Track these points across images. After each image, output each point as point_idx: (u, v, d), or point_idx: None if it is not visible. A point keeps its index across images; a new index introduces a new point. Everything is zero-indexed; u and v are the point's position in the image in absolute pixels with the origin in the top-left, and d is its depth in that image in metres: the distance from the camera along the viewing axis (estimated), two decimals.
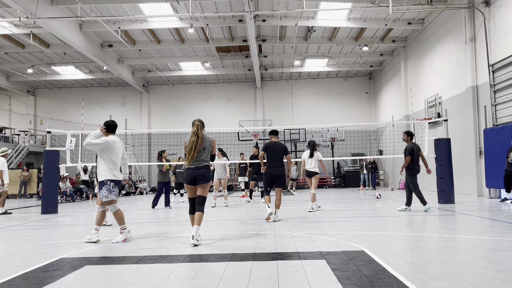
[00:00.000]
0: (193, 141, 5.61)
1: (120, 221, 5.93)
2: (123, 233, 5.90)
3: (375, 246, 5.00)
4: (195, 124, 5.75)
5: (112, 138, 6.02)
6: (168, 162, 12.07)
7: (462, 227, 6.51)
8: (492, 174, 11.78)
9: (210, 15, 15.13)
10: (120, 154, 6.07)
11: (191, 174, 5.58)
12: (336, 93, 25.17)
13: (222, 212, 10.12)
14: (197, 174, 5.56)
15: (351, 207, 10.63)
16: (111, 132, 6.12)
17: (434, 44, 16.00)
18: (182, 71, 23.40)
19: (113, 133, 6.14)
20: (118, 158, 6.02)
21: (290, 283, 3.48)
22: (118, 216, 5.94)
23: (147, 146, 24.98)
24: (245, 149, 21.27)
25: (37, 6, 13.00)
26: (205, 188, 5.65)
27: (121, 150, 6.09)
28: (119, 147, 6.05)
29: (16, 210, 12.17)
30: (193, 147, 5.59)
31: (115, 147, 5.98)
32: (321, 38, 18.66)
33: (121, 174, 6.04)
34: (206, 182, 5.62)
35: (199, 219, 5.50)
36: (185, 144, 5.77)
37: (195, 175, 5.57)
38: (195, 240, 5.35)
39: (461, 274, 3.61)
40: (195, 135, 5.64)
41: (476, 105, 13.01)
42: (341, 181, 23.45)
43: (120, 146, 6.10)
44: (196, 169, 5.58)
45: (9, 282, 3.72)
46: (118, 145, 6.05)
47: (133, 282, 3.64)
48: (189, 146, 5.62)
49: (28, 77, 22.88)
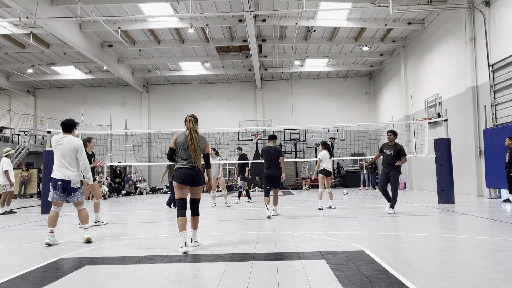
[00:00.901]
0: (196, 138, 5.12)
1: (50, 223, 5.72)
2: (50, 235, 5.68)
3: (375, 246, 5.00)
4: (188, 119, 5.21)
5: (56, 137, 5.85)
6: None
7: (462, 227, 6.51)
8: (492, 174, 11.77)
9: (210, 15, 15.13)
10: (60, 154, 5.74)
11: (188, 174, 5.10)
12: (336, 93, 25.18)
13: (222, 212, 10.12)
14: (195, 176, 5.14)
15: (351, 207, 10.63)
16: (66, 132, 5.96)
17: (434, 44, 16.00)
18: (182, 71, 23.40)
19: (68, 132, 5.95)
20: (60, 158, 5.73)
21: (290, 283, 3.48)
22: (49, 218, 5.77)
23: (147, 146, 24.98)
24: (245, 150, 21.24)
25: (37, 6, 13.00)
26: (200, 190, 5.32)
27: (65, 152, 5.73)
28: (62, 148, 5.74)
29: (16, 210, 12.16)
30: (196, 144, 5.11)
31: (57, 147, 5.77)
32: (321, 38, 18.66)
33: (60, 174, 5.69)
34: (202, 184, 5.28)
35: (197, 223, 5.30)
36: (175, 141, 5.22)
37: (193, 176, 5.13)
38: (194, 243, 5.24)
39: (461, 274, 3.61)
40: (194, 132, 5.14)
41: (476, 105, 13.01)
42: (341, 181, 23.44)
43: (65, 148, 5.74)
44: (193, 170, 5.14)
45: (9, 282, 3.72)
46: (61, 145, 5.76)
47: (133, 282, 3.64)
48: (192, 144, 5.09)
49: (28, 77, 22.89)
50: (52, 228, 5.74)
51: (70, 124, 6.02)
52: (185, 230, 5.01)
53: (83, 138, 8.57)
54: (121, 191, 20.06)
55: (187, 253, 4.87)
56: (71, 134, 5.99)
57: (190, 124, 5.18)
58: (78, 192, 5.87)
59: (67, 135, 5.93)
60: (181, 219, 5.09)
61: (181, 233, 4.98)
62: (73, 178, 5.75)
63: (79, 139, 5.97)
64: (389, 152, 8.67)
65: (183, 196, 5.21)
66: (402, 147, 8.75)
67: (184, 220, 5.10)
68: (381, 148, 8.90)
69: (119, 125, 24.22)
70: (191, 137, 5.13)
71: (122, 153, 24.01)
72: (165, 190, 22.64)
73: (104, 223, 8.05)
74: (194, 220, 5.29)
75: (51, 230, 5.72)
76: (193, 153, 5.11)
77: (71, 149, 5.78)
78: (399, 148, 8.64)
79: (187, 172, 5.12)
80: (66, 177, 5.71)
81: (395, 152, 8.56)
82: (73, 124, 6.09)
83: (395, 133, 8.86)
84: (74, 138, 5.93)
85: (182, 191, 5.18)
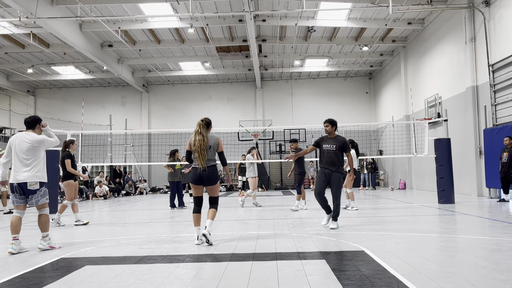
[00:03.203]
0: (199, 140, 5.41)
1: (13, 230, 5.22)
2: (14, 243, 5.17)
3: (375, 246, 5.00)
4: (198, 123, 5.58)
5: (14, 136, 5.43)
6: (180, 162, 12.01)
7: (462, 227, 6.51)
8: (492, 174, 11.77)
9: (210, 15, 15.13)
10: (12, 153, 5.33)
11: (197, 174, 5.46)
12: (336, 93, 25.17)
13: (222, 212, 10.12)
14: (204, 175, 5.46)
15: None
16: (29, 129, 5.50)
17: (434, 44, 16.00)
18: (182, 71, 23.40)
19: (31, 129, 5.49)
20: (13, 156, 5.33)
21: (290, 283, 3.48)
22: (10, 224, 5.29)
23: (147, 146, 24.98)
24: (245, 150, 21.28)
25: (37, 6, 13.00)
26: (214, 189, 5.62)
27: (15, 148, 5.30)
28: (14, 145, 5.33)
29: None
30: (199, 145, 5.39)
31: (11, 145, 5.36)
32: (321, 38, 18.66)
33: (12, 177, 5.26)
34: (214, 183, 5.55)
35: (213, 215, 5.51)
36: (189, 143, 5.57)
37: (202, 176, 5.46)
38: (206, 232, 5.29)
39: (461, 274, 3.61)
40: (199, 134, 5.45)
41: (476, 105, 13.01)
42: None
43: (17, 144, 5.31)
44: (203, 170, 5.44)
45: (9, 282, 3.72)
46: (14, 142, 5.34)
47: (133, 282, 3.64)
48: (195, 145, 5.41)
49: (28, 77, 22.88)
50: (16, 235, 5.18)
51: (28, 121, 5.52)
52: (198, 226, 5.50)
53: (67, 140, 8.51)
54: (121, 191, 20.07)
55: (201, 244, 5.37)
56: (34, 132, 5.49)
57: (197, 127, 5.55)
58: (38, 195, 5.29)
59: (22, 132, 5.48)
60: (195, 215, 5.58)
61: (195, 228, 5.52)
62: (28, 180, 5.23)
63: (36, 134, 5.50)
64: (330, 147, 6.72)
65: (197, 195, 5.67)
66: (346, 140, 6.85)
67: (198, 216, 5.56)
68: (318, 142, 6.89)
69: (119, 125, 24.22)
70: (195, 139, 5.48)
71: (122, 153, 24.02)
72: (165, 190, 22.65)
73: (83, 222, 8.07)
74: (211, 211, 5.55)
75: (15, 238, 5.16)
76: (199, 155, 5.42)
77: (25, 147, 5.29)
78: (341, 141, 6.73)
79: (195, 171, 5.52)
80: (17, 180, 5.22)
81: (339, 147, 6.68)
82: (34, 120, 5.55)
83: (332, 123, 6.91)
84: (30, 133, 5.42)
85: (196, 190, 5.64)
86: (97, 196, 17.59)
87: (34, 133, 5.49)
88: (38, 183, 5.30)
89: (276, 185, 23.26)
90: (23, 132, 5.48)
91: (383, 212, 9.02)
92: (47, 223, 5.43)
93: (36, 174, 5.30)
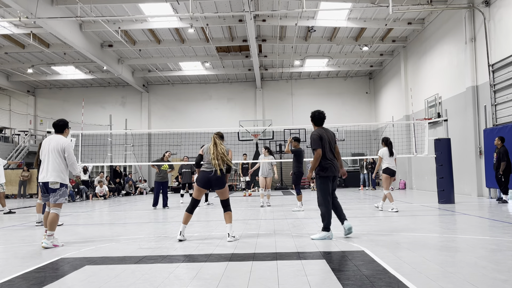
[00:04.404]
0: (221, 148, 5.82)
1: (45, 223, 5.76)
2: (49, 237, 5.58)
3: (375, 246, 5.00)
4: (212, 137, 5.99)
5: (48, 138, 5.92)
6: (168, 163, 12.02)
7: (462, 227, 6.51)
8: (492, 174, 11.75)
9: (210, 15, 15.13)
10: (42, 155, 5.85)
11: (207, 178, 5.76)
12: (336, 93, 25.17)
13: (221, 212, 10.10)
14: (213, 179, 5.75)
15: (351, 207, 10.63)
16: (58, 133, 6.00)
17: (434, 44, 16.00)
18: (182, 71, 23.39)
19: (60, 133, 5.99)
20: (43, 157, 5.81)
21: (290, 283, 3.48)
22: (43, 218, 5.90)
23: (147, 146, 24.97)
24: (246, 150, 21.29)
25: (37, 6, 13.00)
26: (224, 192, 5.87)
27: (49, 149, 5.77)
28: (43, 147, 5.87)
29: (16, 210, 12.15)
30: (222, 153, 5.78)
31: (43, 147, 5.87)
32: (321, 38, 18.66)
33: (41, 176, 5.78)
34: (223, 187, 5.82)
35: (230, 218, 5.78)
36: (202, 151, 5.93)
37: (211, 180, 5.76)
38: (231, 238, 5.65)
39: (461, 274, 3.61)
40: (213, 144, 5.84)
41: (476, 105, 13.00)
42: (341, 181, 23.44)
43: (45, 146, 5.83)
44: (210, 173, 5.74)
45: (9, 282, 3.73)
46: (49, 144, 5.81)
47: (133, 282, 3.64)
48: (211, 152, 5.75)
49: (28, 77, 22.88)
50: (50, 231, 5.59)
51: (57, 124, 6.01)
52: (186, 224, 5.78)
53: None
54: (121, 191, 20.07)
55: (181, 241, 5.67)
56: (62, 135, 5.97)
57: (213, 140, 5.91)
58: (57, 193, 5.72)
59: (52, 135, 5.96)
60: (186, 214, 5.83)
61: (182, 225, 5.78)
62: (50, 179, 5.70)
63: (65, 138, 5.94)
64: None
65: (198, 198, 5.91)
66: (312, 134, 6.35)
67: (189, 216, 5.82)
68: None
69: (119, 125, 24.22)
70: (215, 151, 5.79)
71: (122, 153, 24.01)
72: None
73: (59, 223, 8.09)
74: (226, 216, 5.81)
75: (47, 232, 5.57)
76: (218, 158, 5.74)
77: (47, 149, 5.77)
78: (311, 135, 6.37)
79: (204, 174, 5.79)
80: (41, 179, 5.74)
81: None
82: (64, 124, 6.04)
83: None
84: (61, 137, 5.88)
85: (199, 193, 5.89)
86: (97, 196, 17.59)
87: (63, 136, 5.97)
88: (58, 183, 5.73)
89: (276, 185, 23.26)
90: (54, 136, 5.92)
91: (383, 212, 9.02)
92: (55, 223, 5.65)
93: (59, 175, 5.74)
